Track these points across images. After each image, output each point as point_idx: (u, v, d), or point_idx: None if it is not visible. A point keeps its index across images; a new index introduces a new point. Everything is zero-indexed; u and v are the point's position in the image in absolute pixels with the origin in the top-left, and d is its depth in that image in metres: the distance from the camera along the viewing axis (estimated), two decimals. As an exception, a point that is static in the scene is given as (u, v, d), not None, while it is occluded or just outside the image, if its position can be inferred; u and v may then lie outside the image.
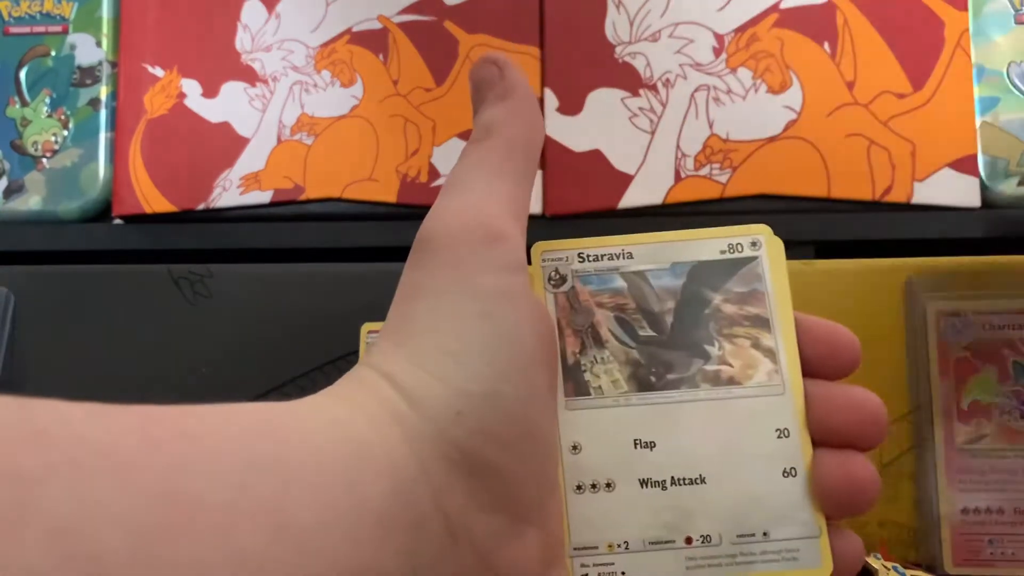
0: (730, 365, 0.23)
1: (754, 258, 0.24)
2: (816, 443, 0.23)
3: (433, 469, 0.17)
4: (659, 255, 0.24)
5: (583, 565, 0.22)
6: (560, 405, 0.23)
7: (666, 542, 0.22)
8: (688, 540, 0.22)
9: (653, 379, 0.23)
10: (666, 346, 0.24)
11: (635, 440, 0.23)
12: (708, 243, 0.24)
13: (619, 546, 0.22)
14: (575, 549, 0.22)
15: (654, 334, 0.24)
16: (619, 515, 0.22)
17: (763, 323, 0.24)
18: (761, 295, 0.24)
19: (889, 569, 0.33)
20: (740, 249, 0.24)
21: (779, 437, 0.23)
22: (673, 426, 0.23)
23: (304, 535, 0.15)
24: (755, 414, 0.23)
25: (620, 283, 0.24)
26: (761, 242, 0.24)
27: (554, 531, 0.21)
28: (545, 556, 0.20)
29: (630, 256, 0.24)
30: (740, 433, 0.23)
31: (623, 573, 0.22)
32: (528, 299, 0.20)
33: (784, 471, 0.22)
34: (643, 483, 0.23)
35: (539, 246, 0.25)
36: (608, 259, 0.24)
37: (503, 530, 0.18)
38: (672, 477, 0.23)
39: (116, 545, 0.12)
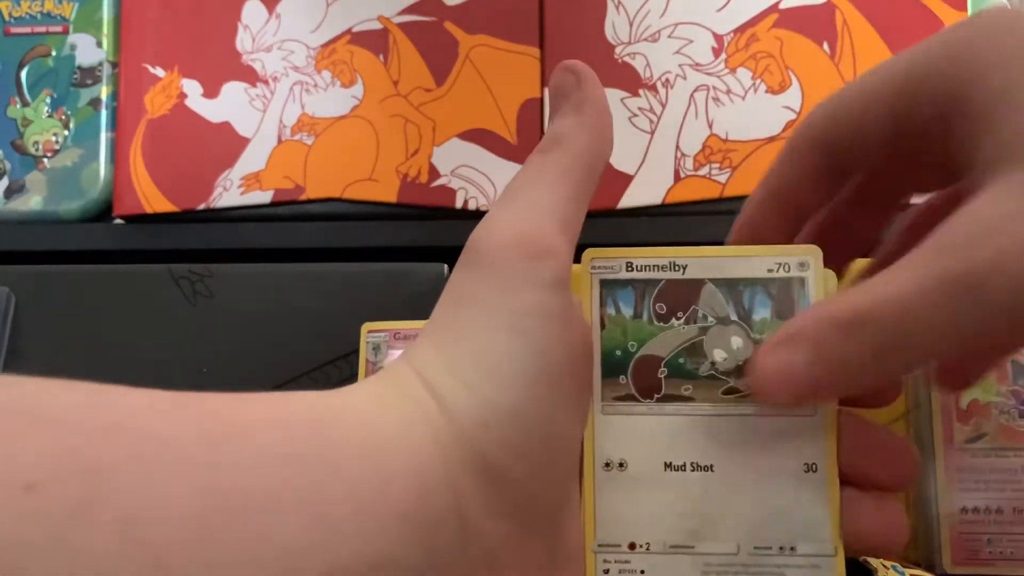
0: None
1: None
2: (846, 480, 0.23)
3: (456, 474, 0.18)
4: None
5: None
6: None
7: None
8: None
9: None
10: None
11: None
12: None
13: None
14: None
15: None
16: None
17: None
18: None
19: (888, 568, 0.34)
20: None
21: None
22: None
23: (337, 525, 0.16)
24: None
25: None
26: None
27: (566, 541, 0.22)
28: (553, 560, 0.21)
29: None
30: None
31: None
32: (566, 317, 0.20)
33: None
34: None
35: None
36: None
37: (513, 537, 0.19)
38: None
39: (175, 535, 0.14)
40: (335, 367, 0.45)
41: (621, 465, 0.24)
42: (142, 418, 0.15)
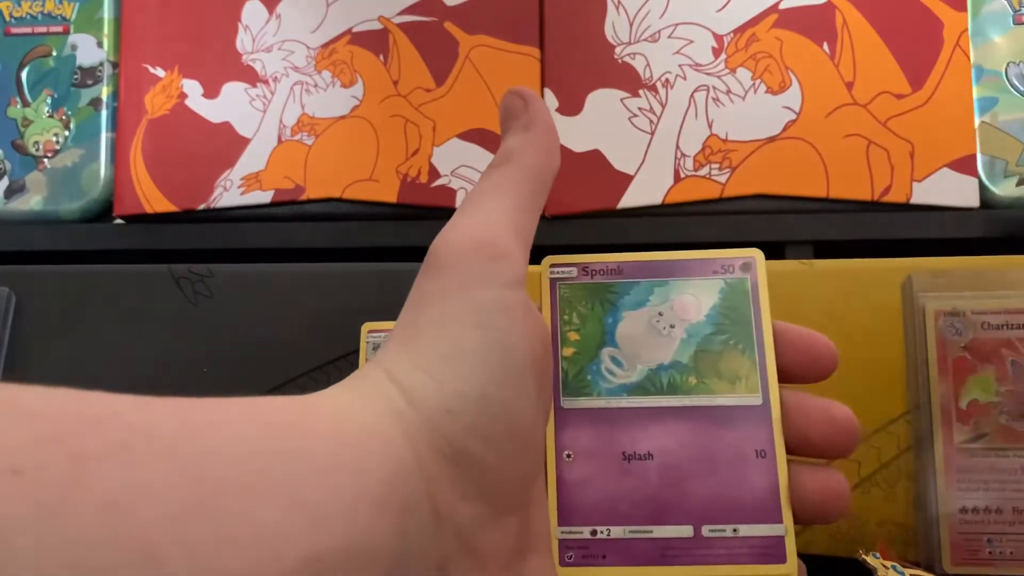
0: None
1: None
2: (792, 451, 0.25)
3: (426, 460, 0.19)
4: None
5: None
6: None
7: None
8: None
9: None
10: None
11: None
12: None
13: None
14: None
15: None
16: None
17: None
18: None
19: (888, 568, 0.34)
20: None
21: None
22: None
23: (313, 512, 0.17)
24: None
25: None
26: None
27: (535, 522, 0.23)
28: (523, 543, 0.22)
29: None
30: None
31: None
32: (523, 313, 0.22)
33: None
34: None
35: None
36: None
37: (483, 517, 0.20)
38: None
39: (157, 519, 0.14)
40: (335, 367, 0.45)
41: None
42: (121, 413, 0.16)
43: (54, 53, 0.53)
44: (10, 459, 0.13)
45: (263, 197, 0.49)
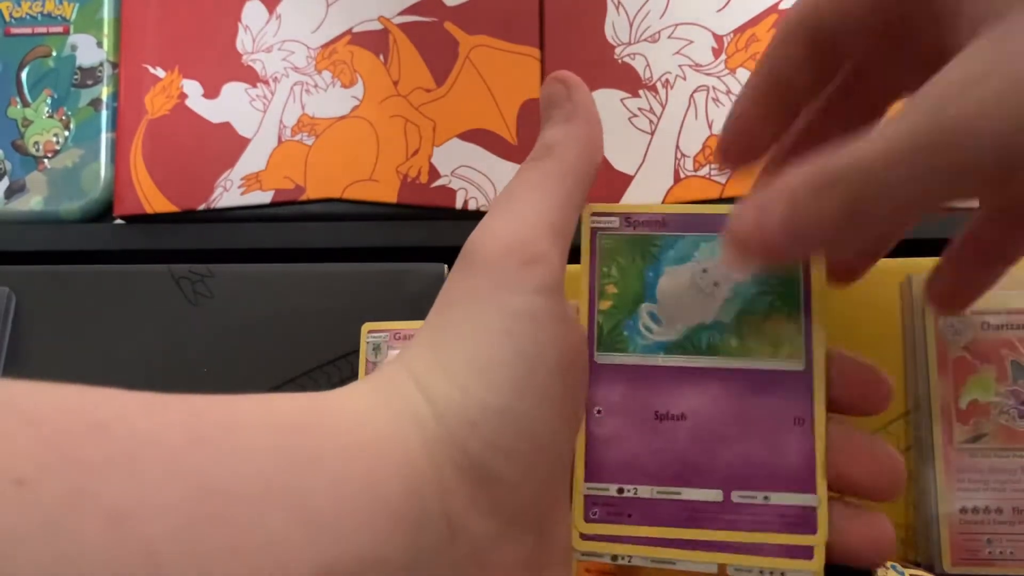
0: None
1: None
2: (833, 488, 0.23)
3: (443, 472, 0.19)
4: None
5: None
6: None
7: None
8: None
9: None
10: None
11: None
12: None
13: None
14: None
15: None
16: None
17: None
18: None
19: (888, 568, 0.34)
20: None
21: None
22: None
23: (324, 523, 0.16)
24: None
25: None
26: None
27: (554, 539, 0.22)
28: (540, 558, 0.21)
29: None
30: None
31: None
32: (557, 322, 0.21)
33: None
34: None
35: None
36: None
37: (499, 534, 0.20)
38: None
39: (164, 531, 0.14)
40: (335, 367, 0.45)
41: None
42: (128, 418, 0.16)
43: (54, 53, 0.53)
44: (14, 468, 0.13)
45: (263, 197, 0.49)
